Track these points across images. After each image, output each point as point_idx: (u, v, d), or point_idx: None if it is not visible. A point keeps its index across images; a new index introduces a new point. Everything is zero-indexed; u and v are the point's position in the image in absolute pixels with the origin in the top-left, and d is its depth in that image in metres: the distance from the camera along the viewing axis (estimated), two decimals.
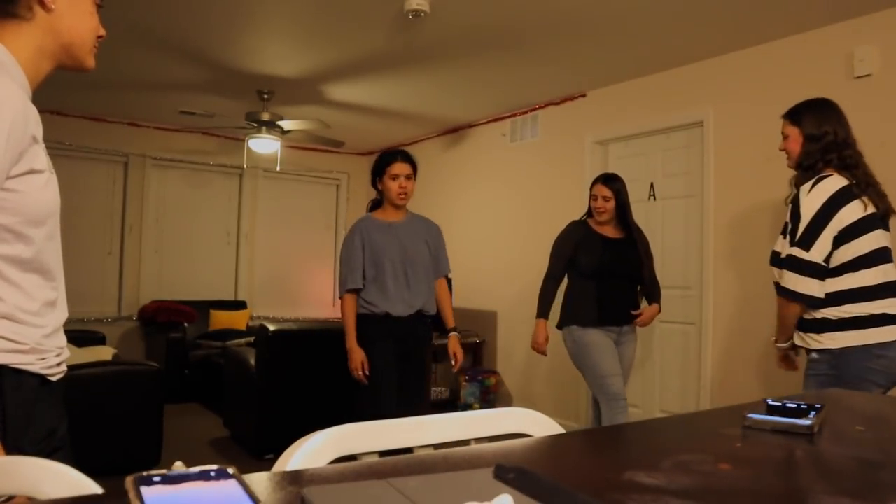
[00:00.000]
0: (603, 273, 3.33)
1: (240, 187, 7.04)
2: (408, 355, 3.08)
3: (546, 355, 3.40)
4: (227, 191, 7.00)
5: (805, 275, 2.21)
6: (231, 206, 7.01)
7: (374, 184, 3.21)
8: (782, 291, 2.27)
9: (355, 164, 7.69)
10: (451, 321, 3.26)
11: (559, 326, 3.43)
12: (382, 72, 4.66)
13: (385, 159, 3.13)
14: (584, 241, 3.40)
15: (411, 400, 3.05)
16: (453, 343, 3.20)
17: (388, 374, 3.01)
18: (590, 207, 3.49)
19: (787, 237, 2.28)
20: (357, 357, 3.01)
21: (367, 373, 3.00)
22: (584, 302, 3.34)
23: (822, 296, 2.21)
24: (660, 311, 3.47)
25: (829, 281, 2.21)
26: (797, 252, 2.23)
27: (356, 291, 3.09)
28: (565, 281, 3.50)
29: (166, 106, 5.54)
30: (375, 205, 3.25)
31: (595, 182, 3.47)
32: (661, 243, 4.48)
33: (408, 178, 3.09)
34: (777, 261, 2.33)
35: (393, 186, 3.08)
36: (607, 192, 3.40)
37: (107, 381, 3.47)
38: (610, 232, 3.43)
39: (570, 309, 3.41)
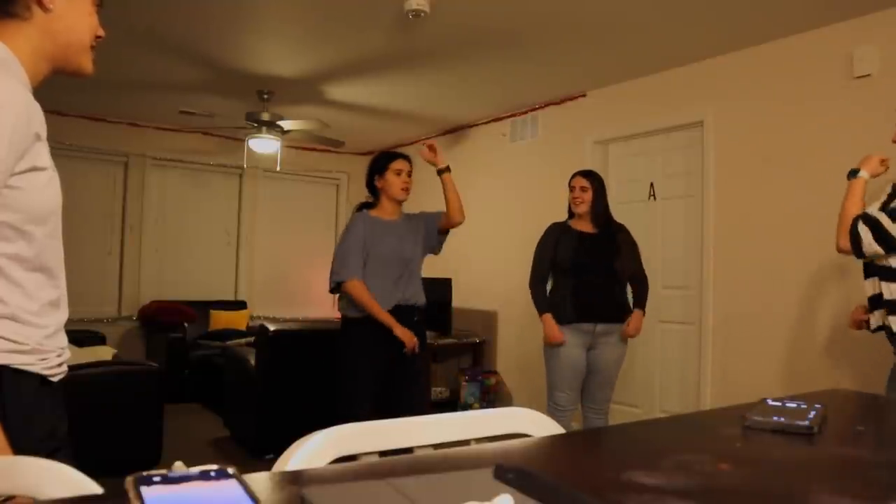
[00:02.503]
0: (577, 267, 3.32)
1: (240, 187, 7.04)
2: (400, 358, 3.01)
3: (565, 343, 3.34)
4: (227, 191, 7.00)
5: (871, 230, 2.24)
6: (231, 206, 7.01)
7: (370, 183, 3.18)
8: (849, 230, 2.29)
9: (355, 164, 7.68)
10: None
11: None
12: (382, 72, 4.66)
13: (386, 157, 3.16)
14: (561, 238, 3.40)
15: (407, 403, 3.01)
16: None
17: (368, 381, 2.96)
18: (570, 208, 3.49)
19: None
20: (409, 333, 2.96)
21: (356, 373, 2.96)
22: (560, 299, 3.34)
23: (868, 253, 2.25)
24: (644, 315, 3.39)
25: None
26: (883, 218, 2.23)
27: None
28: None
29: (166, 106, 5.54)
30: (366, 206, 3.20)
31: (573, 176, 3.48)
32: (661, 243, 4.48)
33: (409, 174, 3.13)
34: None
35: (396, 181, 3.09)
36: (584, 183, 3.40)
37: (107, 381, 3.47)
38: (587, 227, 3.42)
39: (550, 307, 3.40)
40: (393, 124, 6.19)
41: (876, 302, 2.35)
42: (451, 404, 5.54)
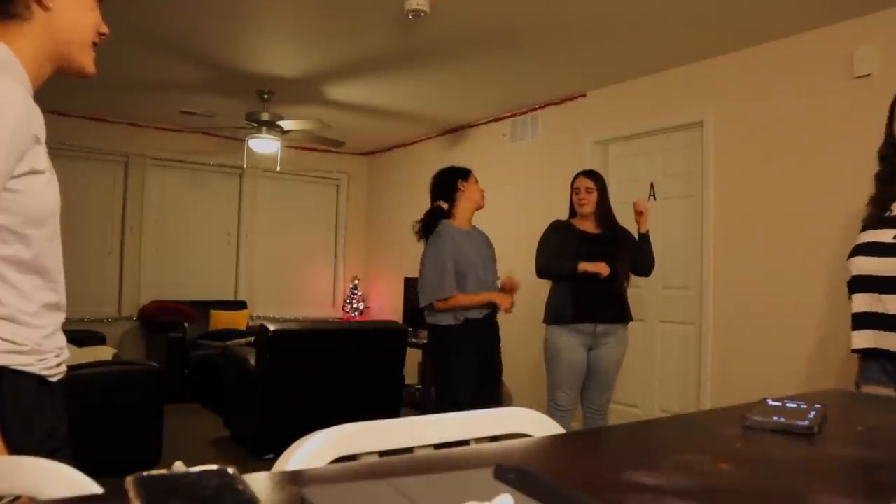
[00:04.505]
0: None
1: (240, 187, 7.04)
2: (486, 357, 3.19)
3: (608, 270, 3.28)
4: (227, 191, 7.00)
5: None
6: (231, 206, 7.01)
7: (452, 190, 3.24)
8: None
9: (355, 164, 7.69)
10: None
11: (544, 322, 3.43)
12: (382, 72, 4.66)
13: (461, 170, 3.30)
14: (563, 236, 3.40)
15: (488, 399, 3.17)
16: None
17: (468, 378, 3.11)
18: (572, 207, 3.48)
19: None
20: (506, 297, 3.19)
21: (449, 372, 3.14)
22: (561, 299, 3.33)
23: None
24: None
25: None
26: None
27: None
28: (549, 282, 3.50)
29: (167, 106, 5.54)
30: (440, 214, 3.26)
31: (577, 176, 3.48)
32: (661, 243, 4.47)
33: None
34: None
35: (478, 188, 3.28)
36: (589, 184, 3.40)
37: (107, 381, 3.47)
38: (589, 227, 3.41)
39: (549, 307, 3.41)
40: (393, 124, 6.19)
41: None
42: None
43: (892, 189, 2.10)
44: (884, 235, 2.02)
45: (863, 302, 2.01)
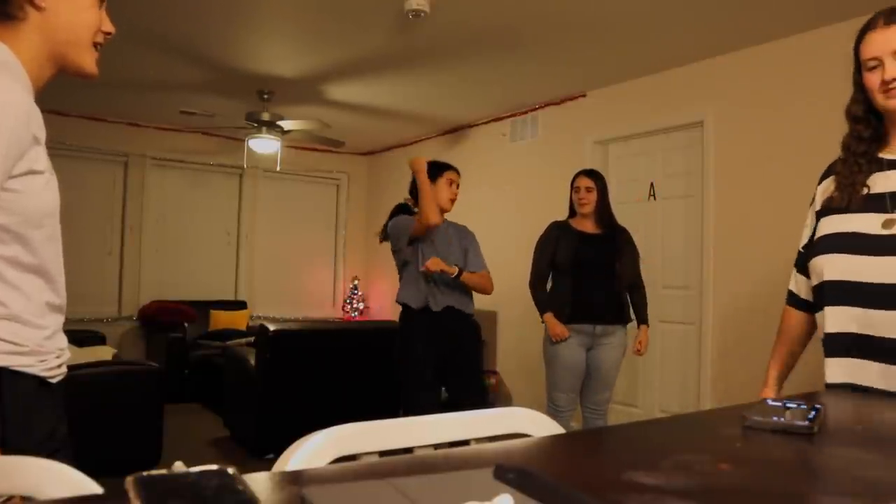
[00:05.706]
0: (577, 267, 3.31)
1: (240, 187, 7.04)
2: (451, 353, 3.15)
3: (569, 337, 3.31)
4: (227, 191, 7.00)
5: None
6: (231, 206, 7.01)
7: (413, 193, 3.26)
8: None
9: (355, 164, 7.69)
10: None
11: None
12: (382, 72, 4.66)
13: (439, 165, 3.26)
14: (561, 237, 3.39)
15: (458, 395, 3.19)
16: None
17: (426, 366, 3.10)
18: (571, 206, 3.48)
19: None
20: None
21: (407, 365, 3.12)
22: (559, 298, 3.33)
23: None
24: (648, 326, 3.48)
25: None
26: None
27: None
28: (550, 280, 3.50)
29: (166, 106, 5.54)
30: (404, 209, 3.30)
31: (577, 175, 3.47)
32: (661, 243, 4.48)
33: (457, 186, 3.27)
34: None
35: (447, 191, 3.22)
36: (589, 183, 3.40)
37: (107, 381, 3.47)
38: (589, 227, 3.41)
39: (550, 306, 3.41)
40: (393, 124, 6.19)
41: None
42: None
43: (867, 159, 1.51)
44: (866, 223, 1.40)
45: (841, 318, 1.41)
